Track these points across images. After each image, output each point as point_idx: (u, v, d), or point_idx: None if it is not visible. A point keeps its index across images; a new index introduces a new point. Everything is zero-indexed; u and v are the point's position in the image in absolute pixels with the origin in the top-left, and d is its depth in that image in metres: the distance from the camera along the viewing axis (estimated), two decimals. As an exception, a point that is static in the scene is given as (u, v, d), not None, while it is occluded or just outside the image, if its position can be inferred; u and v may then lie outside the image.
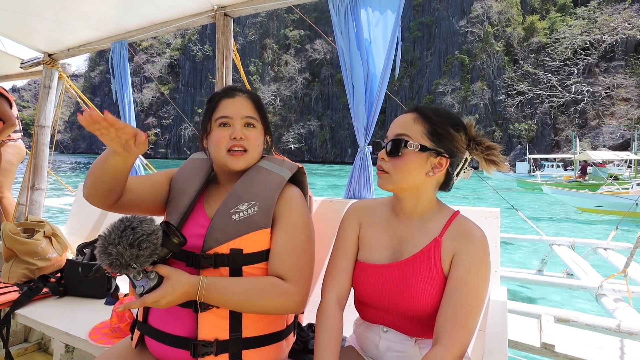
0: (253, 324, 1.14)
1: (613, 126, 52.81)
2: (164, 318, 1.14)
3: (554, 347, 1.50)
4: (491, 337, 1.23)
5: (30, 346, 2.50)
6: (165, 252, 1.04)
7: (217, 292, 1.04)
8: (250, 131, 1.25)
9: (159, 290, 0.99)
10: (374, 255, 1.17)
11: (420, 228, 1.14)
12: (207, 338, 1.09)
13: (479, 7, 70.02)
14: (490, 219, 1.55)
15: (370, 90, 1.87)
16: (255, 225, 1.15)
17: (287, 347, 1.27)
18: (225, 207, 1.17)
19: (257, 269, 1.16)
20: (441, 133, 1.09)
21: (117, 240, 0.95)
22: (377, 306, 1.14)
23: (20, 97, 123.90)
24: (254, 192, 1.19)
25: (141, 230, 0.97)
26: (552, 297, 5.98)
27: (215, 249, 1.12)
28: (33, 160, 3.28)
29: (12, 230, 2.29)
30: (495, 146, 1.15)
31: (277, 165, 1.28)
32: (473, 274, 1.03)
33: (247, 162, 1.24)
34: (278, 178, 1.23)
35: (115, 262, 0.95)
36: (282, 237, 1.17)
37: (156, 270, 1.02)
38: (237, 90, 1.31)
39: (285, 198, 1.21)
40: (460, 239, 1.07)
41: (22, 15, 2.70)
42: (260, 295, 1.07)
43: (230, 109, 1.24)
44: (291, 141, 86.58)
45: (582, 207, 15.29)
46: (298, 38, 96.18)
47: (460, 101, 67.00)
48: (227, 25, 2.47)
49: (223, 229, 1.14)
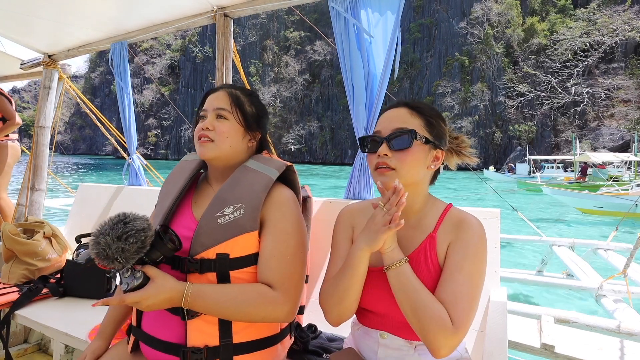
0: (243, 330, 1.12)
1: (613, 128, 52.81)
2: (154, 324, 1.14)
3: (553, 347, 1.50)
4: (491, 337, 1.23)
5: (30, 347, 2.49)
6: (157, 255, 1.04)
7: (201, 300, 1.03)
8: (220, 122, 1.22)
9: (141, 291, 0.99)
10: (371, 260, 1.09)
11: (414, 225, 1.12)
12: (196, 344, 1.07)
13: (479, 9, 70.09)
14: (490, 219, 1.55)
15: (371, 90, 1.87)
16: (242, 229, 1.11)
17: (283, 351, 1.25)
18: (211, 210, 1.15)
19: (246, 273, 1.13)
20: (436, 126, 1.10)
21: (107, 230, 0.97)
22: (376, 310, 1.11)
23: (20, 98, 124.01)
24: (240, 194, 1.16)
25: (132, 225, 0.98)
26: (552, 298, 5.98)
27: (202, 254, 1.10)
28: (33, 161, 3.28)
29: (11, 231, 2.29)
30: (466, 141, 1.21)
31: (264, 165, 1.23)
32: (469, 260, 1.01)
33: (213, 152, 1.21)
34: (265, 178, 1.18)
35: (102, 252, 0.96)
36: (271, 242, 1.13)
37: (144, 270, 1.02)
38: (223, 86, 1.32)
39: (274, 200, 1.17)
40: (454, 230, 1.06)
41: (22, 15, 2.70)
42: (246, 304, 1.05)
43: (207, 103, 1.26)
44: (291, 142, 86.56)
45: (581, 207, 15.29)
46: (298, 39, 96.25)
47: (460, 102, 67.01)
48: (227, 26, 2.47)
49: (209, 234, 1.11)
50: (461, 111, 66.42)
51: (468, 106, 66.14)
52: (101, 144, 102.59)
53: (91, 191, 3.10)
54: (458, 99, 67.50)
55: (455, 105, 66.96)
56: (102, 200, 2.97)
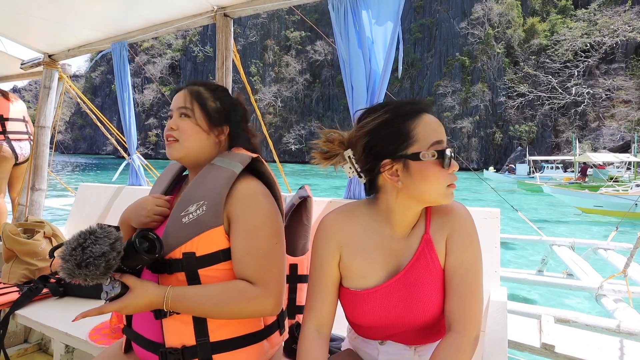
0: (219, 328, 1.10)
1: (613, 128, 52.75)
2: (140, 322, 1.15)
3: (554, 347, 1.50)
4: (491, 337, 1.23)
5: (30, 347, 2.49)
6: (134, 264, 1.04)
7: (183, 304, 1.04)
8: (182, 121, 1.22)
9: (119, 300, 1.01)
10: (369, 281, 1.06)
11: (407, 232, 1.08)
12: (173, 345, 1.08)
13: (480, 9, 70.01)
14: (490, 219, 1.55)
15: (372, 90, 1.87)
16: (206, 225, 1.10)
17: (271, 348, 1.23)
18: (177, 211, 1.14)
19: (215, 270, 1.11)
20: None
21: (67, 257, 0.95)
22: (379, 326, 1.08)
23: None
24: (203, 191, 1.14)
25: (90, 252, 0.94)
26: (552, 298, 5.98)
27: (169, 254, 1.10)
28: (33, 161, 3.29)
29: (12, 231, 2.29)
30: None
31: (229, 160, 1.20)
32: (468, 251, 1.03)
33: (179, 152, 1.21)
34: (227, 172, 1.15)
35: (68, 276, 0.96)
36: (242, 239, 1.11)
37: (122, 280, 1.02)
38: (187, 84, 1.32)
39: (238, 195, 1.13)
40: (446, 223, 1.05)
41: (22, 15, 2.70)
42: (227, 302, 1.05)
43: (172, 103, 1.27)
44: (292, 142, 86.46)
45: (582, 207, 15.29)
46: (299, 39, 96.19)
47: (461, 103, 66.97)
48: (227, 25, 2.48)
49: (174, 234, 1.11)
50: (462, 111, 66.35)
51: (469, 106, 66.07)
52: (102, 144, 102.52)
53: (91, 191, 3.11)
54: (459, 99, 67.43)
55: (456, 105, 66.89)
56: (102, 200, 2.97)
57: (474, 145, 63.36)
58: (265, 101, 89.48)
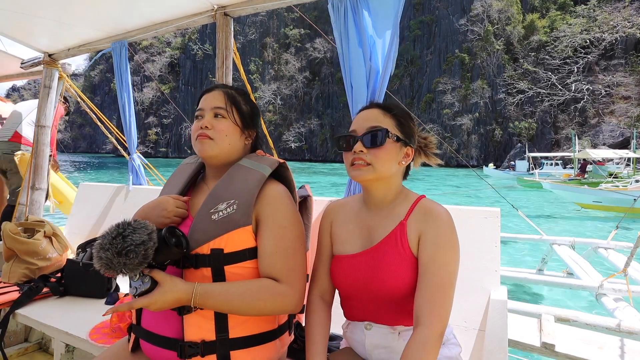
0: (239, 325, 1.13)
1: (613, 124, 52.80)
2: (153, 320, 1.16)
3: (554, 346, 1.50)
4: (491, 336, 1.24)
5: (31, 346, 2.50)
6: (164, 259, 1.05)
7: (211, 300, 1.05)
8: (218, 121, 1.25)
9: (149, 296, 1.02)
10: (346, 247, 1.22)
11: (387, 215, 1.19)
12: (193, 339, 1.09)
13: (479, 6, 69.92)
14: (490, 218, 1.55)
15: (372, 89, 1.87)
16: (235, 224, 1.13)
17: (282, 347, 1.26)
18: (205, 207, 1.17)
19: (240, 267, 1.14)
20: (406, 125, 1.19)
21: (107, 246, 0.97)
22: (355, 296, 1.19)
23: (20, 96, 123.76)
24: (233, 190, 1.18)
25: (131, 240, 0.97)
26: (553, 297, 5.99)
27: (196, 249, 1.12)
28: (33, 160, 3.28)
29: (12, 230, 2.29)
30: (434, 141, 1.31)
31: (257, 162, 1.25)
32: (441, 251, 1.07)
33: (213, 150, 1.23)
34: (257, 175, 1.20)
35: (105, 266, 0.97)
36: (270, 238, 1.15)
37: (151, 275, 1.03)
38: (217, 86, 1.34)
39: (268, 196, 1.19)
40: (424, 220, 1.12)
41: (22, 15, 2.70)
42: (257, 299, 1.08)
43: (203, 102, 1.29)
44: (292, 140, 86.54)
45: (581, 202, 15.31)
46: (298, 37, 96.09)
47: (461, 100, 66.97)
48: (227, 24, 2.47)
49: (203, 230, 1.13)
50: (461, 108, 66.40)
51: (468, 103, 66.09)
52: (101, 142, 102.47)
53: (92, 190, 3.10)
54: (458, 96, 67.43)
55: (456, 102, 66.91)
56: (103, 199, 2.97)
57: (474, 142, 63.38)
58: (264, 99, 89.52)
